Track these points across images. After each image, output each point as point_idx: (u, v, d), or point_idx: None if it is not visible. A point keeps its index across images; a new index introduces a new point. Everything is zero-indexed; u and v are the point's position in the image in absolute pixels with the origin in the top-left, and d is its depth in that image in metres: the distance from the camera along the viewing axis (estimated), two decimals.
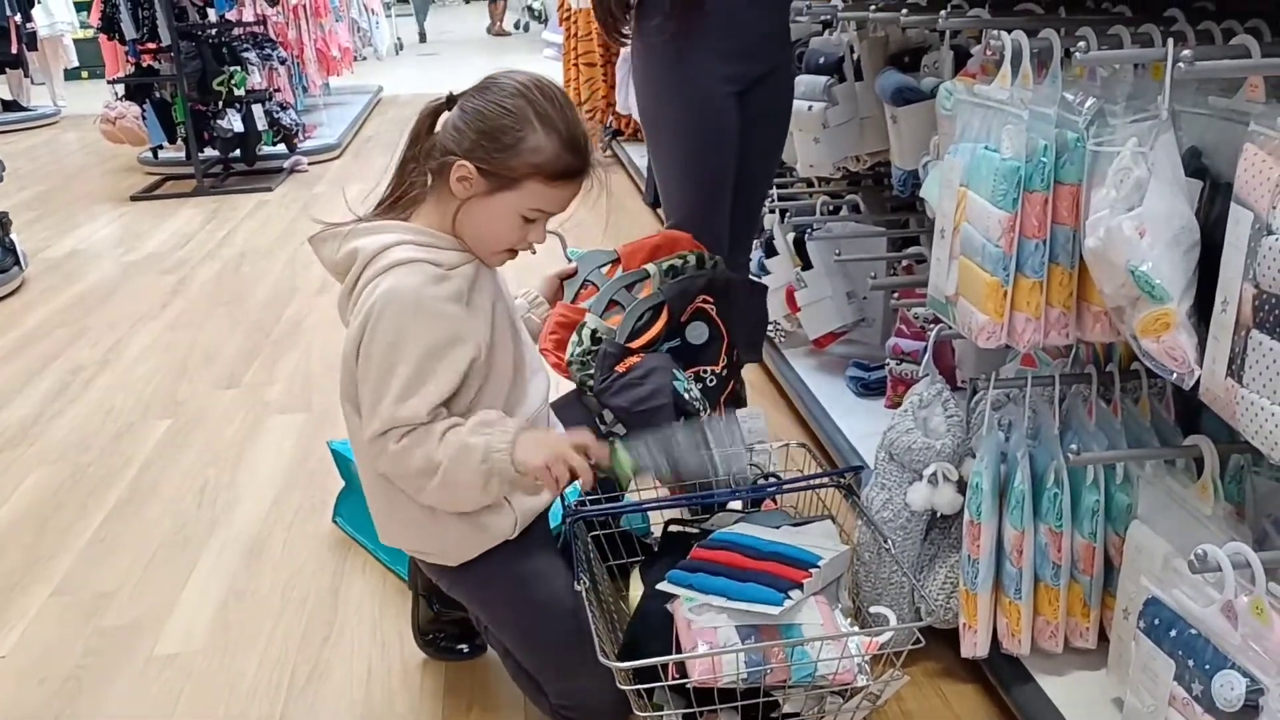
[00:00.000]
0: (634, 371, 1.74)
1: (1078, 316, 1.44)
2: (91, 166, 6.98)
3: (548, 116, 1.48)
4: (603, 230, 4.53)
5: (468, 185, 1.49)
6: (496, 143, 1.47)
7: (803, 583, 1.50)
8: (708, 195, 2.21)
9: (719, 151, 2.18)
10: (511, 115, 1.47)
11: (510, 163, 1.47)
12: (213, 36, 6.12)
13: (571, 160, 1.50)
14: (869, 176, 2.92)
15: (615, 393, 1.71)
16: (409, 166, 1.56)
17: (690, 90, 2.12)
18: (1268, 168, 1.09)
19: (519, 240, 1.55)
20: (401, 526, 1.63)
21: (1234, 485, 1.49)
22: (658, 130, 2.23)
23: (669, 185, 2.26)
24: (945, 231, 1.56)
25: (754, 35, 2.15)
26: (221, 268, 4.58)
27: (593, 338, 1.75)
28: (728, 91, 2.14)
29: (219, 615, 2.13)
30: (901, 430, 1.79)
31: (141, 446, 2.87)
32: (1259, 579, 1.09)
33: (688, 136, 2.17)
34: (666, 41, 2.07)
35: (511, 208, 1.51)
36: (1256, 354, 1.10)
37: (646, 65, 2.19)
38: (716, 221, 2.22)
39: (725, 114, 2.15)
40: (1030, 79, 1.39)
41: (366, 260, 1.50)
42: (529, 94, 1.49)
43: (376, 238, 1.51)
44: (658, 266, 1.89)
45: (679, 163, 2.21)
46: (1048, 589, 1.62)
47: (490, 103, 1.49)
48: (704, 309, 1.85)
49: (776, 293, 2.93)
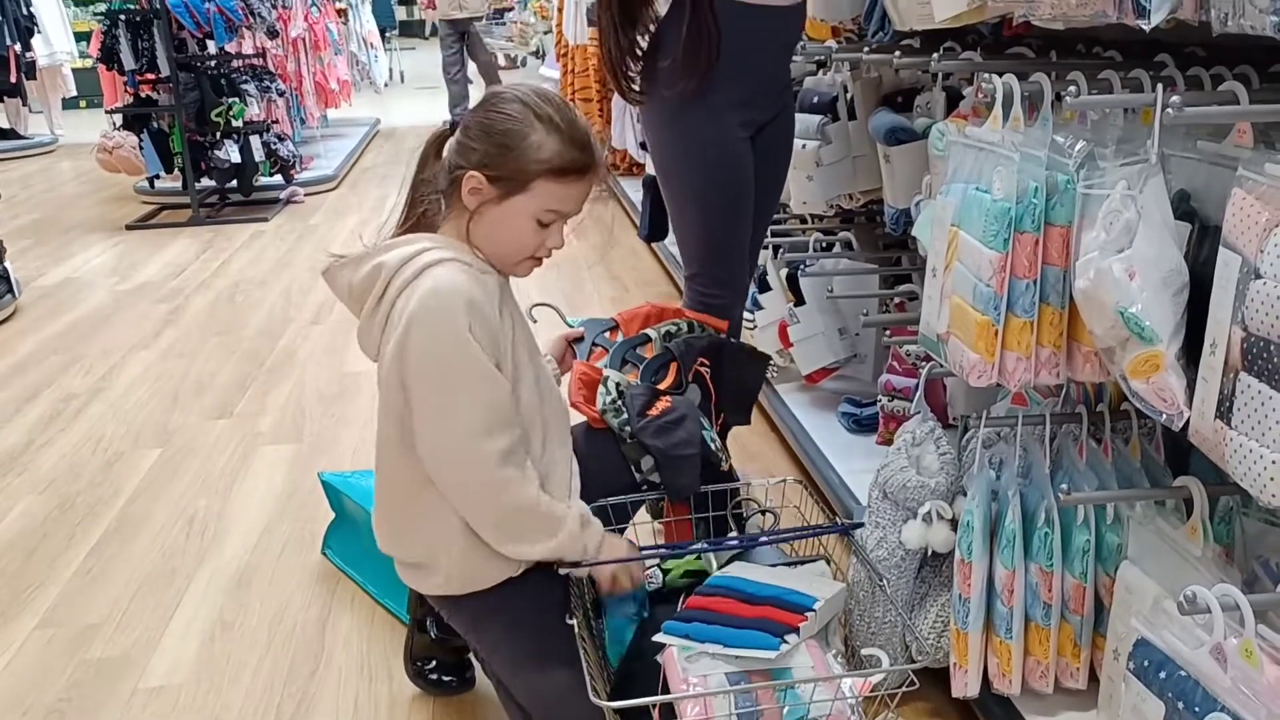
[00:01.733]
0: (669, 415, 1.77)
1: (1068, 356, 1.44)
2: (87, 195, 7.00)
3: (547, 116, 1.50)
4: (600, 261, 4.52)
5: (479, 195, 1.50)
6: (502, 147, 1.49)
7: (799, 627, 1.50)
8: (727, 240, 2.22)
9: (738, 197, 2.19)
10: (513, 119, 1.49)
11: (517, 164, 1.49)
12: (212, 68, 6.17)
13: (577, 155, 1.51)
14: (862, 214, 2.94)
15: (653, 433, 1.74)
16: (419, 192, 1.57)
17: (705, 138, 2.13)
18: (1255, 212, 1.10)
19: (536, 246, 1.55)
20: (414, 537, 1.61)
21: (1224, 527, 1.49)
22: (674, 178, 2.23)
23: (687, 231, 2.26)
24: (937, 270, 1.57)
25: (764, 81, 2.18)
26: (215, 297, 4.59)
27: (618, 389, 1.79)
28: (742, 136, 2.16)
29: (205, 647, 2.11)
30: (896, 468, 1.80)
31: (131, 476, 2.86)
32: (1248, 621, 1.09)
33: (706, 184, 2.18)
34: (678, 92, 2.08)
35: (525, 211, 1.51)
36: (1245, 396, 1.11)
37: (659, 116, 2.20)
38: (735, 266, 2.25)
39: (742, 159, 2.17)
40: (1021, 122, 1.41)
41: (393, 271, 1.49)
42: (527, 99, 1.51)
43: (400, 250, 1.50)
44: (657, 331, 1.94)
45: (697, 210, 2.21)
46: (1038, 629, 1.61)
47: (492, 112, 1.51)
48: (699, 371, 1.88)
49: (769, 328, 2.94)
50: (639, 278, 4.66)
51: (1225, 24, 1.14)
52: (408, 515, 1.58)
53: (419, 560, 1.62)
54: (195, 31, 5.99)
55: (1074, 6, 1.32)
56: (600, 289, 4.50)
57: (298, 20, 7.59)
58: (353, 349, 3.73)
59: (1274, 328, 1.06)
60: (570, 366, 1.89)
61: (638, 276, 4.68)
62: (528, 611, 1.60)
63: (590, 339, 1.92)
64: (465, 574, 1.58)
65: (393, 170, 7.59)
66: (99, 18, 6.48)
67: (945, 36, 2.11)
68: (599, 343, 1.91)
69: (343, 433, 3.11)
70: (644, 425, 1.74)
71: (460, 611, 1.64)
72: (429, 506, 1.55)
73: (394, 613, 2.16)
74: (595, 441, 1.76)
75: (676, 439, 1.75)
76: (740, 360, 2.00)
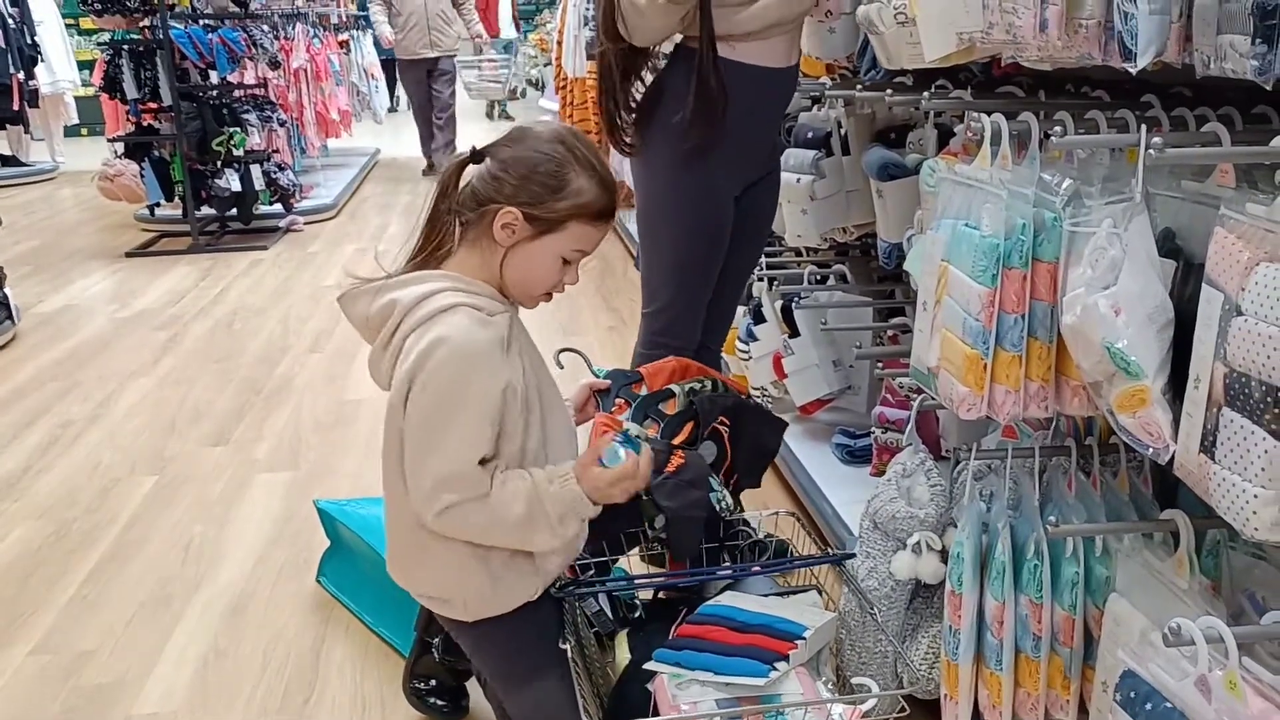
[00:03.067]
0: (683, 474, 1.79)
1: (1056, 390, 1.46)
2: (88, 222, 7.03)
3: (586, 159, 1.54)
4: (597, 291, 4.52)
5: (512, 231, 1.52)
6: (543, 186, 1.51)
7: (789, 654, 1.51)
8: (694, 290, 2.30)
9: (713, 251, 2.27)
10: (553, 160, 1.52)
11: (556, 205, 1.52)
12: (213, 98, 6.21)
13: (608, 201, 1.55)
14: (857, 247, 2.97)
15: (669, 494, 1.76)
16: (440, 220, 1.59)
17: (695, 194, 2.20)
18: (1237, 250, 1.12)
19: (557, 283, 1.59)
20: (426, 573, 1.62)
21: (1211, 560, 1.50)
22: (655, 223, 2.30)
23: (655, 275, 2.33)
24: (928, 304, 1.59)
25: (760, 142, 2.26)
26: (214, 325, 4.61)
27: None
28: (729, 196, 2.24)
29: (199, 675, 2.11)
30: (885, 499, 1.81)
31: (127, 503, 2.87)
32: (1232, 653, 1.10)
33: (687, 234, 2.25)
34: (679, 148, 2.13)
35: (554, 250, 1.55)
36: (1228, 431, 1.13)
37: (651, 167, 2.25)
38: (694, 311, 2.32)
39: (724, 217, 2.25)
40: (1009, 160, 1.43)
41: (406, 310, 1.51)
42: (566, 139, 1.55)
43: (414, 288, 1.52)
44: (681, 387, 1.97)
45: (671, 256, 2.29)
46: (1028, 661, 1.62)
47: (530, 150, 1.54)
48: (718, 430, 1.91)
49: (764, 359, 2.96)
50: (635, 308, 4.67)
51: (1208, 67, 1.17)
52: (416, 551, 1.60)
53: (436, 594, 1.64)
54: (198, 62, 6.05)
55: (1060, 49, 1.34)
56: (598, 318, 4.53)
57: (300, 51, 7.65)
58: (351, 377, 3.78)
59: (1255, 364, 1.07)
60: (590, 415, 1.91)
61: (634, 307, 4.69)
62: (528, 634, 1.63)
63: (615, 391, 1.96)
64: (482, 602, 1.60)
65: (392, 199, 7.63)
66: (102, 47, 6.54)
67: (937, 74, 2.14)
68: (623, 396, 1.95)
69: (340, 460, 3.12)
70: (660, 483, 1.75)
71: (465, 631, 1.66)
72: (435, 541, 1.55)
73: (389, 641, 2.17)
74: None
75: (690, 499, 1.77)
76: (760, 423, 2.03)
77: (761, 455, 2.04)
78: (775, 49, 2.15)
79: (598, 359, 3.92)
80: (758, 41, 2.11)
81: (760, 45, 2.12)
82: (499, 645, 1.64)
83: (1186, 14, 1.18)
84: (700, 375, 2.01)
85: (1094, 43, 1.30)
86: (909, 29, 1.84)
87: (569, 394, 1.92)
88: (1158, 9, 1.18)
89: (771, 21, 2.09)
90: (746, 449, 1.95)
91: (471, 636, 1.66)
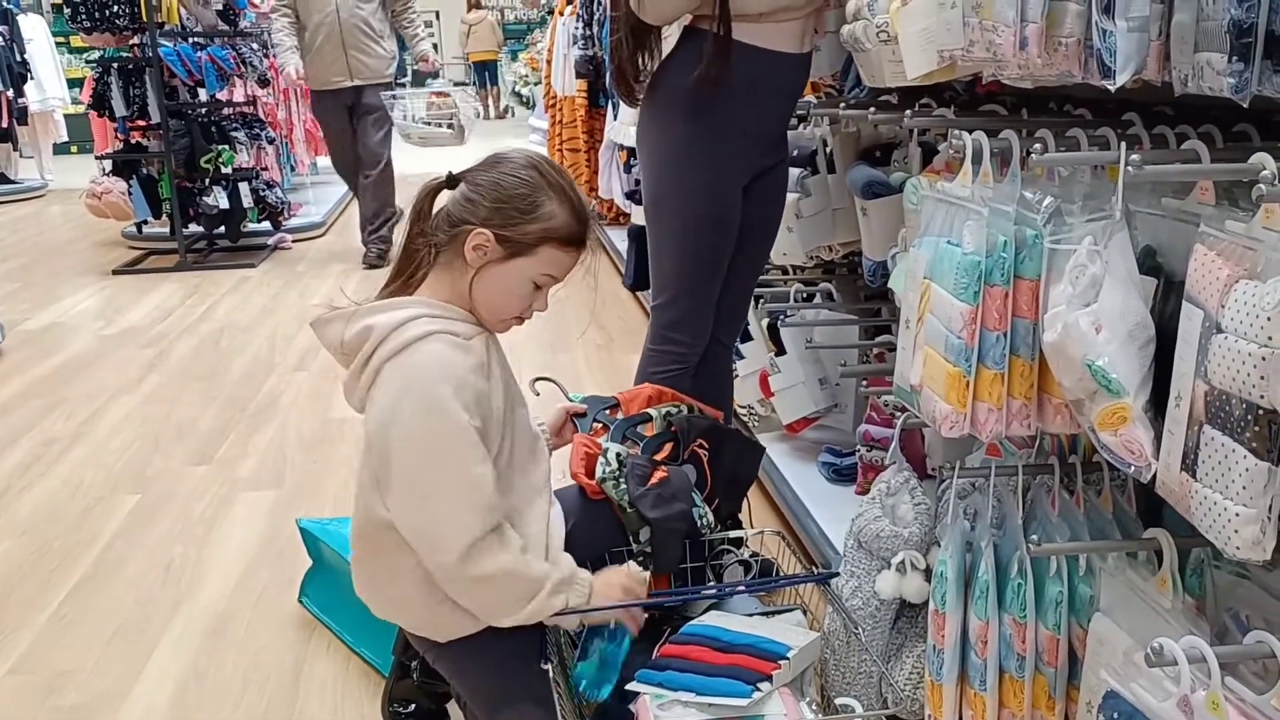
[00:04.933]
0: (666, 487, 1.80)
1: (1039, 408, 1.46)
2: (75, 240, 7.01)
3: (559, 185, 1.56)
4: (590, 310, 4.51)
5: (483, 253, 1.52)
6: (516, 209, 1.52)
7: (772, 675, 1.50)
8: (703, 276, 2.25)
9: (721, 240, 2.22)
10: (527, 184, 1.54)
11: (528, 228, 1.53)
12: (202, 115, 6.21)
13: (580, 228, 1.57)
14: (843, 265, 2.97)
15: (653, 504, 1.76)
16: (415, 246, 1.59)
17: (702, 181, 2.16)
18: (1217, 268, 1.12)
19: (525, 308, 1.59)
20: (394, 605, 1.63)
21: (1195, 579, 1.49)
22: (662, 211, 2.25)
23: (664, 262, 2.27)
24: (910, 322, 1.58)
25: (767, 135, 2.23)
26: (200, 343, 4.59)
27: (619, 460, 1.82)
28: (738, 181, 2.20)
29: (178, 695, 2.09)
30: (870, 518, 1.80)
31: (109, 521, 2.85)
32: (1214, 673, 1.09)
33: (696, 222, 2.20)
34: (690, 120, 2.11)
35: (525, 273, 1.55)
36: (1209, 449, 1.12)
37: (657, 151, 2.22)
38: (703, 304, 2.27)
39: (732, 204, 2.21)
40: (991, 177, 1.43)
41: (382, 337, 1.51)
42: (540, 166, 1.57)
43: (390, 314, 1.52)
44: (658, 411, 1.97)
45: (679, 240, 2.23)
46: (1013, 680, 1.61)
47: (504, 174, 1.55)
48: (698, 453, 1.91)
49: (750, 377, 2.96)
50: (623, 326, 4.68)
51: (1186, 85, 1.17)
52: (379, 564, 1.59)
53: (408, 623, 1.64)
54: (187, 80, 6.05)
55: (1040, 67, 1.34)
56: (586, 336, 4.52)
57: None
58: (336, 395, 3.74)
59: (1235, 381, 1.07)
60: (568, 438, 1.91)
61: (622, 325, 4.70)
62: (508, 656, 1.61)
63: (592, 415, 1.96)
64: (439, 623, 1.58)
65: None
66: (92, 65, 6.55)
67: (921, 93, 2.15)
68: (600, 419, 1.95)
69: (324, 479, 3.10)
70: (642, 494, 1.76)
71: (443, 655, 1.65)
72: (399, 560, 1.55)
73: (370, 662, 2.15)
74: (590, 511, 1.77)
75: (674, 511, 1.78)
76: (739, 449, 2.03)
77: (742, 481, 2.04)
78: (786, 33, 2.10)
79: (585, 377, 3.92)
80: (770, 24, 2.07)
81: (772, 29, 2.08)
82: (478, 667, 1.63)
83: (1166, 32, 1.18)
84: (675, 401, 2.01)
85: (1074, 60, 1.30)
86: (892, 47, 1.84)
87: (545, 417, 1.92)
88: (1136, 27, 1.18)
89: (783, 4, 2.06)
90: (726, 473, 1.95)
91: (449, 658, 1.64)
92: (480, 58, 16.90)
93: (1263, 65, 1.04)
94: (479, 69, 17.05)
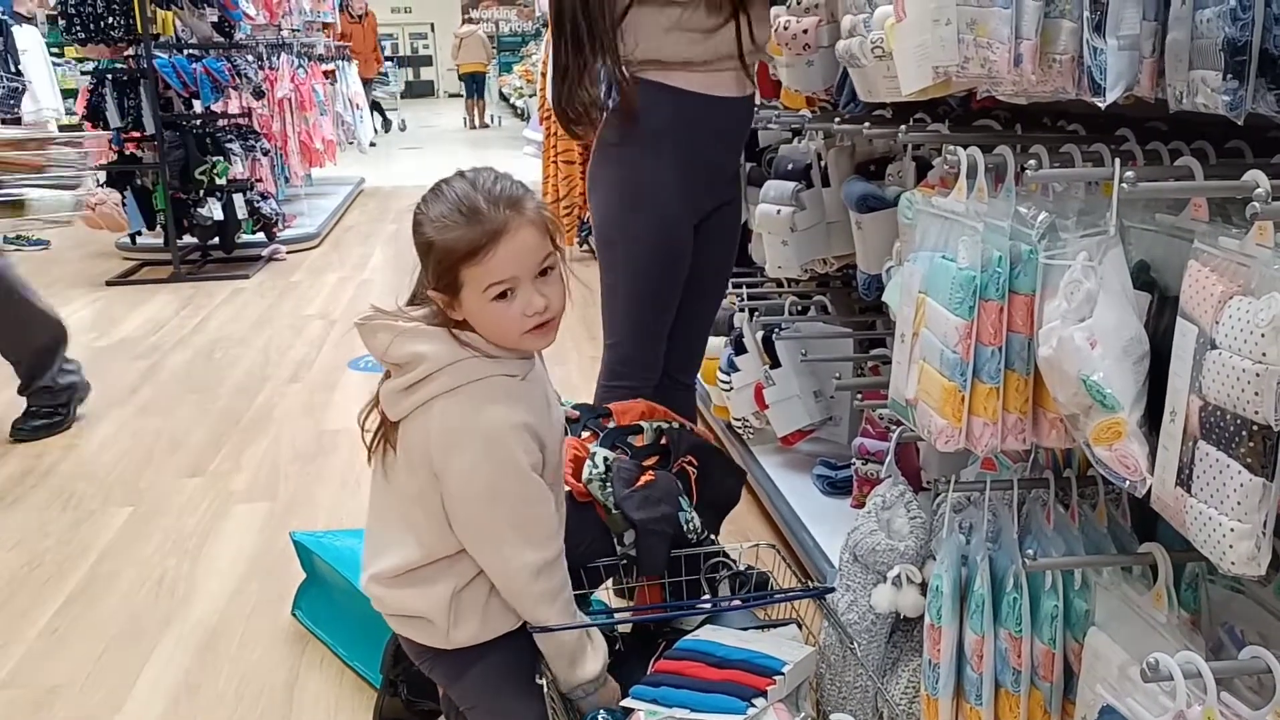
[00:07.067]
0: (652, 489, 1.81)
1: (1034, 422, 1.46)
2: (69, 250, 7.00)
3: (439, 208, 1.48)
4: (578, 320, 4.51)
5: (448, 305, 1.51)
6: (426, 259, 1.51)
7: (767, 690, 1.50)
8: (650, 321, 2.26)
9: (668, 281, 2.23)
10: (419, 231, 1.51)
11: (438, 269, 1.49)
12: (197, 127, 6.21)
13: (477, 231, 1.46)
14: (838, 278, 2.97)
15: (638, 505, 1.77)
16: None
17: (650, 214, 2.17)
18: (1211, 284, 1.12)
19: (516, 316, 1.50)
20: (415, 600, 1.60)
21: (1190, 593, 1.49)
22: (608, 254, 2.26)
23: (611, 306, 2.28)
24: (905, 336, 1.59)
25: (712, 174, 2.24)
26: (193, 355, 4.58)
27: (605, 463, 1.83)
28: (687, 219, 2.21)
29: (171, 710, 2.08)
30: (865, 531, 1.80)
31: (101, 535, 2.83)
32: (1210, 689, 1.09)
33: (644, 263, 2.21)
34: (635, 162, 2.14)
35: (477, 299, 1.49)
36: (1204, 464, 1.13)
37: (601, 193, 2.24)
38: (653, 342, 2.29)
39: (679, 245, 2.22)
40: (985, 192, 1.44)
41: (435, 368, 1.50)
42: (426, 197, 1.52)
43: (440, 345, 1.51)
44: (650, 424, 1.98)
45: (626, 286, 2.24)
46: (1008, 695, 1.61)
47: (413, 230, 1.54)
48: (686, 470, 1.91)
49: (745, 390, 2.96)
50: None
51: (1180, 102, 1.17)
52: (414, 574, 1.59)
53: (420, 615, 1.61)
54: (181, 91, 6.05)
55: (1034, 83, 1.35)
56: (581, 348, 4.52)
57: (284, 81, 7.67)
58: (331, 408, 3.75)
59: (1229, 397, 1.07)
60: None
61: None
62: (505, 668, 1.61)
63: (584, 422, 1.97)
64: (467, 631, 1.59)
65: (375, 229, 7.63)
66: (86, 76, 6.54)
67: (916, 107, 2.16)
68: (592, 426, 1.96)
69: (318, 492, 3.09)
70: (628, 496, 1.77)
71: (440, 664, 1.64)
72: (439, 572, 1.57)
73: (363, 675, 2.14)
74: (576, 514, 1.77)
75: (658, 513, 1.78)
76: (725, 469, 2.04)
77: (726, 501, 2.05)
78: (722, 81, 2.13)
79: (580, 388, 3.91)
80: (697, 73, 2.10)
81: (702, 76, 2.11)
82: (474, 676, 1.62)
83: (1160, 49, 1.19)
84: (666, 418, 2.02)
85: (1067, 77, 1.30)
86: (886, 63, 1.85)
87: None
88: (1127, 45, 1.19)
89: (684, 58, 2.08)
90: (710, 493, 1.95)
91: (448, 664, 1.64)
92: (470, 69, 17.58)
93: (1257, 83, 1.05)
94: (468, 80, 17.70)
